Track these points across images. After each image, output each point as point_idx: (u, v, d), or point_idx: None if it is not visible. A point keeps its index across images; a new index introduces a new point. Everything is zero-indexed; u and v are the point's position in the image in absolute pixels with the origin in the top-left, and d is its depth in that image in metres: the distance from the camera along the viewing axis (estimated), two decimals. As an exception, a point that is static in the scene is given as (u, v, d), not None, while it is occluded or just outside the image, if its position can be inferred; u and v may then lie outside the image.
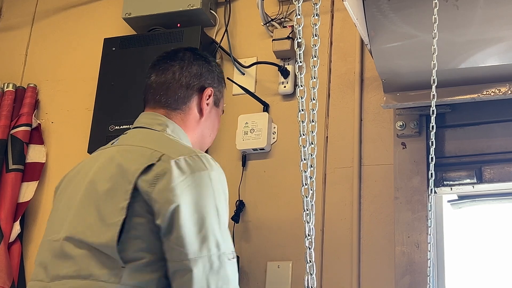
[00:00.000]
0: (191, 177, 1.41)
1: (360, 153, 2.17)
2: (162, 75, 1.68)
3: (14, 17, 2.86)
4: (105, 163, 1.52)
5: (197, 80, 1.69)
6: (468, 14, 1.80)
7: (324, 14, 2.34)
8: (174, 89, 1.66)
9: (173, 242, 1.37)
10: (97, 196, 1.45)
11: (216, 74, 1.75)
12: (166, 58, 1.72)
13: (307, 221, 1.05)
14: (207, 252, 1.38)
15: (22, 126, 2.51)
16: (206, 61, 1.74)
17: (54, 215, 1.58)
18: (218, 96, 1.75)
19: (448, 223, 2.09)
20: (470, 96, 1.90)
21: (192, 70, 1.69)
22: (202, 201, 1.42)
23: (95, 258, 1.39)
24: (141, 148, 1.50)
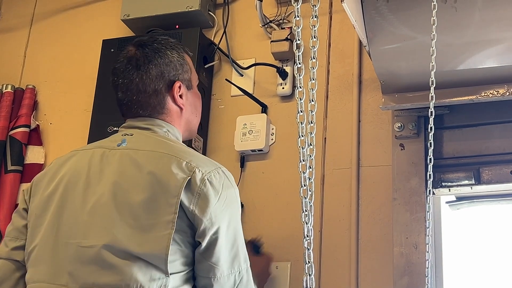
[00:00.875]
0: (224, 196, 1.50)
1: (359, 154, 2.17)
2: (127, 92, 1.66)
3: (12, 18, 2.86)
4: (129, 167, 1.52)
5: (161, 81, 1.66)
6: (467, 15, 1.80)
7: (323, 15, 2.34)
8: (145, 100, 1.65)
9: (210, 260, 1.47)
10: (131, 205, 1.46)
11: (175, 62, 1.70)
12: (123, 70, 1.68)
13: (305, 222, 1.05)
14: (238, 268, 1.50)
15: (21, 127, 2.52)
16: (159, 55, 1.68)
17: (68, 215, 1.52)
18: (187, 78, 1.72)
19: (446, 224, 2.09)
20: (468, 98, 1.91)
21: (151, 73, 1.65)
22: (234, 219, 1.53)
23: (140, 268, 1.42)
24: (167, 156, 1.52)
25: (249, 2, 2.47)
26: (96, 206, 1.50)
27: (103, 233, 1.46)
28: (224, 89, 2.41)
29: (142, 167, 1.51)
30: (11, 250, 1.58)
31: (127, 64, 1.67)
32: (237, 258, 1.51)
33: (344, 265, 2.05)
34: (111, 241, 1.44)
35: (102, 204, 1.49)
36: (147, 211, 1.45)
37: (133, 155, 1.55)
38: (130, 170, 1.52)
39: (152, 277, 1.41)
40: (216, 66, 2.45)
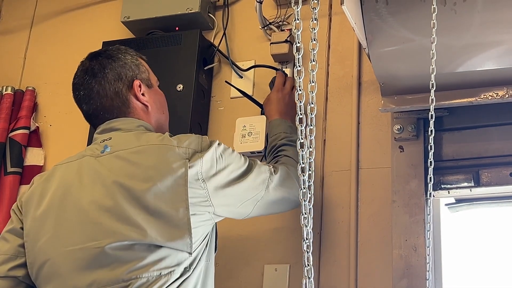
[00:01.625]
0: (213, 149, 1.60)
1: (358, 156, 2.17)
2: (90, 101, 1.71)
3: (13, 20, 2.86)
4: (124, 166, 1.56)
5: (120, 83, 1.72)
6: (466, 18, 1.80)
7: (322, 17, 2.35)
8: (109, 104, 1.70)
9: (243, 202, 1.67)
10: (139, 199, 1.51)
11: (129, 63, 1.76)
12: (81, 82, 1.73)
13: (305, 225, 1.05)
14: (267, 183, 1.72)
15: (21, 129, 2.52)
16: (113, 60, 1.74)
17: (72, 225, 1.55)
18: (145, 78, 1.78)
19: (445, 227, 2.09)
20: (468, 100, 1.91)
21: (109, 77, 1.71)
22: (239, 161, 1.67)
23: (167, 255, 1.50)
24: (156, 146, 1.59)
25: (248, 4, 2.47)
26: (100, 208, 1.52)
27: (114, 232, 1.49)
28: (223, 90, 2.41)
29: (137, 163, 1.55)
30: (12, 268, 1.59)
31: (84, 75, 1.73)
32: (259, 178, 1.67)
33: (343, 267, 2.05)
34: (124, 238, 1.47)
35: (107, 205, 1.52)
36: (160, 205, 1.50)
37: (122, 155, 1.59)
38: (127, 168, 1.55)
39: (179, 260, 1.49)
40: (215, 68, 2.45)
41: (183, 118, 2.23)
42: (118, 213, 1.50)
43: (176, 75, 2.29)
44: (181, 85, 2.27)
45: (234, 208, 1.65)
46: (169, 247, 1.48)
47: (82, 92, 1.72)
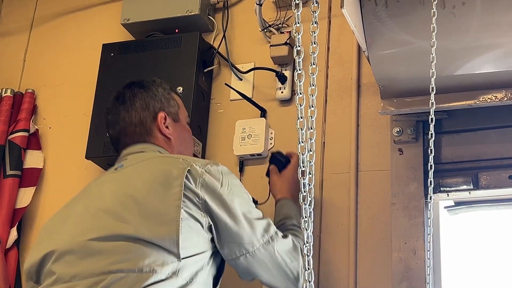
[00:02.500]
0: (226, 181, 1.60)
1: (357, 159, 2.17)
2: (115, 125, 1.78)
3: (12, 22, 2.86)
4: (129, 175, 1.63)
5: (146, 112, 1.77)
6: (465, 21, 1.81)
7: (322, 20, 2.35)
8: (133, 130, 1.76)
9: (234, 240, 1.59)
10: (136, 199, 1.54)
11: (159, 95, 1.82)
12: (112, 108, 1.81)
13: (305, 229, 1.05)
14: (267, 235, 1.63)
15: (20, 132, 2.51)
16: (144, 89, 1.81)
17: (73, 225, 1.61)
18: (173, 112, 1.83)
19: (444, 229, 2.09)
20: (467, 103, 1.91)
21: (136, 106, 1.77)
22: (243, 198, 1.64)
23: (152, 253, 1.47)
24: (163, 158, 1.66)
25: (248, 6, 2.47)
26: (98, 208, 1.57)
27: (104, 227, 1.52)
28: (223, 93, 2.41)
29: (141, 172, 1.61)
30: None
31: (115, 101, 1.81)
32: (261, 227, 1.60)
33: (343, 270, 2.05)
34: (117, 230, 1.50)
35: (105, 206, 1.57)
36: (153, 203, 1.52)
37: (131, 168, 1.66)
38: (130, 176, 1.62)
39: (165, 261, 1.46)
40: (215, 70, 2.45)
41: (182, 120, 2.23)
42: (114, 213, 1.54)
43: (175, 77, 2.29)
44: (180, 87, 2.27)
45: (221, 238, 1.59)
46: (155, 243, 1.47)
47: (111, 116, 1.80)
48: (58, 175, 2.51)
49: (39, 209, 2.49)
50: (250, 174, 2.27)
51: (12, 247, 2.39)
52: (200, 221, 1.54)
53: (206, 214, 1.54)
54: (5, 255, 2.36)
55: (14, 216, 2.41)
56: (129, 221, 1.50)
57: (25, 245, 2.45)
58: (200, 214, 1.54)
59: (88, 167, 2.43)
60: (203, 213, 1.54)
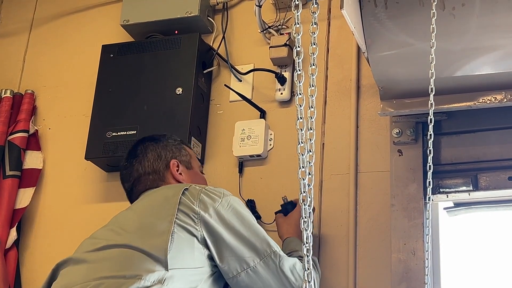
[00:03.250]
0: (225, 200, 1.62)
1: (357, 160, 2.17)
2: (130, 178, 1.83)
3: (12, 23, 2.86)
4: (138, 203, 1.73)
5: (159, 162, 1.83)
6: (464, 22, 1.81)
7: (321, 21, 2.35)
8: (146, 177, 1.81)
9: (235, 255, 1.58)
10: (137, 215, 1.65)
11: (170, 146, 1.88)
12: (126, 163, 1.87)
13: (305, 229, 1.05)
14: (270, 251, 1.61)
15: (20, 132, 2.51)
16: (155, 142, 1.87)
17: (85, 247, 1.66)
18: (185, 160, 1.88)
19: (444, 231, 2.09)
20: (466, 104, 1.91)
21: (149, 157, 1.83)
22: (246, 214, 1.66)
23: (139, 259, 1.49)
24: (169, 186, 1.73)
25: (248, 7, 2.47)
26: (112, 231, 1.64)
27: (105, 238, 1.58)
28: (222, 94, 2.41)
29: (147, 199, 1.71)
30: None
31: (129, 157, 1.87)
32: (265, 242, 1.60)
33: (342, 271, 2.05)
34: (111, 241, 1.55)
35: (111, 226, 1.66)
36: (149, 218, 1.57)
37: (141, 199, 1.75)
38: (137, 204, 1.73)
39: (151, 269, 1.45)
40: (215, 71, 2.45)
41: (182, 121, 2.23)
42: (115, 230, 1.61)
43: (175, 79, 2.30)
44: (180, 89, 2.27)
45: (221, 252, 1.57)
46: (144, 251, 1.48)
47: (125, 171, 1.85)
48: (57, 175, 2.51)
49: (39, 210, 2.49)
50: (249, 175, 2.27)
51: (12, 247, 2.39)
52: (194, 234, 1.54)
53: (201, 228, 1.55)
54: (5, 256, 2.36)
55: (13, 216, 2.41)
56: (124, 234, 1.56)
57: (25, 245, 2.45)
58: (195, 228, 1.54)
59: (87, 168, 2.43)
60: (198, 226, 1.54)
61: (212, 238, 1.55)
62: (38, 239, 2.43)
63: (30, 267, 2.41)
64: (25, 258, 2.44)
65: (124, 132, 2.27)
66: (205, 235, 1.55)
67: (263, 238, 1.61)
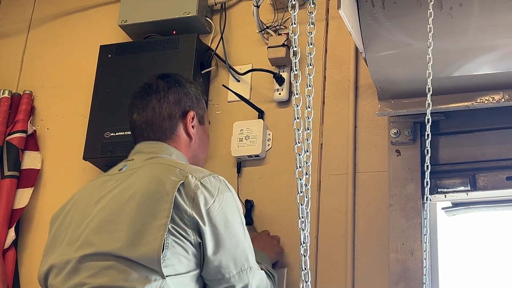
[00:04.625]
0: (219, 199, 1.55)
1: (355, 160, 2.18)
2: (143, 113, 1.74)
3: (10, 23, 2.86)
4: (126, 184, 1.60)
5: (177, 108, 1.75)
6: (463, 22, 1.81)
7: (319, 21, 2.35)
8: (159, 123, 1.73)
9: (214, 263, 1.52)
10: (127, 214, 1.53)
11: (192, 95, 1.81)
12: (143, 93, 1.77)
13: (302, 229, 1.05)
14: (247, 265, 1.57)
15: (18, 133, 2.51)
16: (180, 85, 1.79)
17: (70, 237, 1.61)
18: (200, 113, 1.82)
19: (442, 231, 2.09)
20: (464, 104, 1.92)
21: (169, 99, 1.75)
22: (234, 220, 1.57)
23: (136, 271, 1.46)
24: (161, 165, 1.61)
25: (246, 8, 2.47)
26: (94, 221, 1.57)
27: (99, 243, 1.52)
28: (221, 94, 2.41)
29: (135, 180, 1.59)
30: None
31: (148, 89, 1.78)
32: (244, 256, 1.56)
33: (340, 271, 2.05)
34: (104, 248, 1.50)
35: (99, 219, 1.56)
36: (142, 218, 1.50)
37: (130, 174, 1.63)
38: (127, 185, 1.60)
39: (148, 278, 1.44)
40: (213, 71, 2.45)
41: (180, 121, 2.23)
42: (106, 228, 1.54)
43: (173, 79, 2.30)
44: (178, 89, 2.27)
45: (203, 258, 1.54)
46: (138, 261, 1.46)
47: (139, 101, 1.76)
48: (55, 176, 2.51)
49: (37, 210, 2.49)
50: (247, 175, 2.27)
51: (10, 247, 2.39)
52: (188, 239, 1.50)
53: (195, 232, 1.50)
54: (3, 256, 2.36)
55: (12, 216, 2.41)
56: (117, 238, 1.50)
57: (23, 245, 2.45)
58: (188, 232, 1.50)
59: (85, 168, 2.43)
60: (191, 230, 1.50)
61: (202, 242, 1.53)
62: (37, 239, 2.43)
63: (28, 267, 2.41)
64: (24, 258, 2.44)
65: (122, 132, 2.27)
66: (198, 239, 1.51)
67: (243, 251, 1.57)
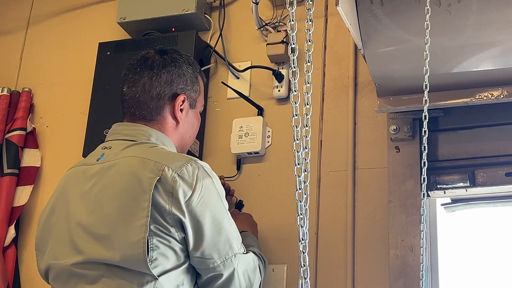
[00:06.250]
0: (199, 187, 1.50)
1: (354, 156, 2.18)
2: (133, 88, 1.69)
3: (8, 21, 2.86)
4: (102, 181, 1.55)
5: (167, 89, 1.69)
6: (461, 19, 1.81)
7: (318, 18, 2.35)
8: (146, 101, 1.67)
9: (197, 254, 1.50)
10: (106, 218, 1.50)
11: (187, 77, 1.74)
12: (136, 66, 1.71)
13: (301, 226, 1.05)
14: (232, 253, 1.54)
15: (17, 130, 2.51)
16: (175, 65, 1.72)
17: (56, 238, 1.59)
18: (193, 97, 1.75)
19: (441, 227, 2.10)
20: (463, 100, 1.92)
21: (161, 78, 1.69)
22: (215, 208, 1.53)
23: (126, 276, 1.45)
24: (136, 159, 1.55)
25: (245, 5, 2.47)
26: (75, 224, 1.55)
27: (87, 250, 1.50)
28: (220, 91, 2.41)
29: (113, 178, 1.55)
30: None
31: (143, 63, 1.71)
32: (228, 244, 1.54)
33: (340, 267, 2.06)
34: (92, 256, 1.48)
35: (83, 222, 1.53)
36: (121, 220, 1.48)
37: (107, 168, 1.58)
38: (103, 183, 1.55)
39: (140, 282, 1.44)
40: (212, 68, 2.45)
41: (179, 119, 2.23)
42: (91, 232, 1.51)
43: (172, 76, 2.29)
44: (177, 86, 2.27)
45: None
46: (127, 267, 1.44)
47: (131, 75, 1.70)
48: (55, 173, 2.51)
49: (37, 208, 2.49)
50: (247, 172, 2.27)
51: (10, 245, 2.39)
52: (173, 236, 1.48)
53: (177, 228, 1.48)
54: (4, 253, 2.37)
55: (12, 214, 2.42)
56: (103, 244, 1.48)
57: (23, 243, 2.45)
58: (171, 230, 1.47)
59: (85, 166, 2.43)
60: (174, 228, 1.47)
61: (186, 236, 1.50)
62: (37, 237, 2.43)
63: (29, 264, 2.42)
64: (24, 255, 2.44)
65: (122, 129, 2.27)
66: (182, 234, 1.49)
67: (226, 240, 1.54)
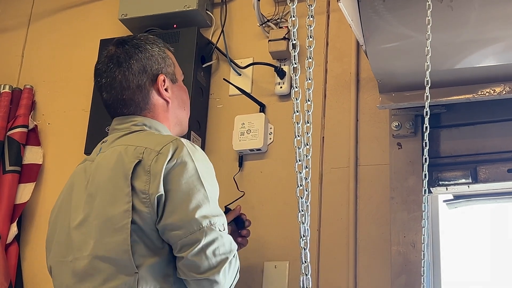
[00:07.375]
0: (174, 159, 1.47)
1: (356, 153, 2.18)
2: (111, 91, 1.66)
3: (10, 18, 2.86)
4: (98, 176, 1.55)
5: (144, 76, 1.66)
6: (463, 15, 1.80)
7: (320, 14, 2.35)
8: (130, 97, 1.65)
9: (169, 227, 1.44)
10: (102, 215, 1.49)
11: (156, 55, 1.70)
12: (105, 69, 1.67)
13: (302, 222, 1.05)
14: (205, 224, 1.44)
15: (19, 128, 2.52)
16: (140, 50, 1.68)
17: (59, 236, 1.60)
18: (170, 72, 1.72)
19: (443, 223, 2.09)
20: (465, 97, 1.91)
21: (134, 69, 1.65)
22: (193, 181, 1.47)
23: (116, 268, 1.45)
24: (122, 147, 1.54)
25: (246, 1, 2.47)
26: (73, 221, 1.55)
27: (82, 245, 1.51)
28: (222, 88, 2.41)
29: (101, 170, 1.55)
30: None
31: (108, 63, 1.67)
32: (201, 212, 1.45)
33: (342, 264, 2.06)
34: (87, 250, 1.48)
35: (79, 219, 1.54)
36: (108, 209, 1.48)
37: (101, 161, 1.58)
38: (98, 178, 1.55)
39: (121, 276, 1.43)
40: (214, 65, 2.45)
41: (181, 115, 2.23)
42: (83, 229, 1.51)
43: (174, 73, 2.29)
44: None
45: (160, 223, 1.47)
46: (109, 258, 1.45)
47: (104, 80, 1.66)
48: (57, 170, 2.52)
49: (39, 205, 2.49)
50: (249, 169, 2.27)
51: (13, 242, 2.40)
52: (153, 219, 1.45)
53: (154, 209, 1.45)
54: (6, 251, 2.37)
55: (14, 211, 2.42)
56: (94, 237, 1.48)
57: (26, 240, 2.46)
58: (150, 213, 1.44)
59: (87, 163, 2.43)
60: (152, 209, 1.44)
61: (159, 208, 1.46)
62: (39, 234, 2.44)
63: (31, 261, 2.42)
64: (26, 253, 2.44)
65: (123, 126, 2.27)
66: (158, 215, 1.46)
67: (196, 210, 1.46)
